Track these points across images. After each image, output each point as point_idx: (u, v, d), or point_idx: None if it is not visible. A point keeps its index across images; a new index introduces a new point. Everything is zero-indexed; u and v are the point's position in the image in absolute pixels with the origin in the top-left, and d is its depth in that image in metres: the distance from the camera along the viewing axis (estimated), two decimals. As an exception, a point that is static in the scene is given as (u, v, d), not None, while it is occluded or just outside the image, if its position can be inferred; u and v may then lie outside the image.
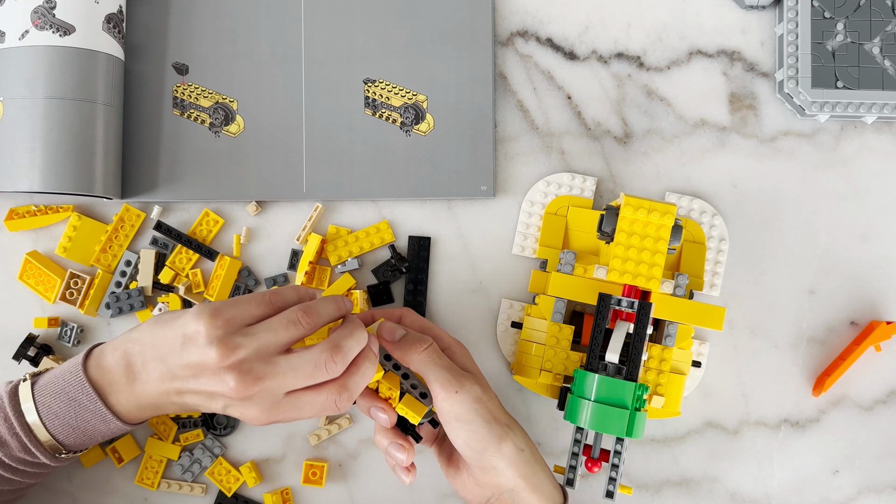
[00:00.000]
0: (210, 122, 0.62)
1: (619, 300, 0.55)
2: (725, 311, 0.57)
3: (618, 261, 0.55)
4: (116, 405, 0.52)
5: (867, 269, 0.63)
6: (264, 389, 0.48)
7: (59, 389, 0.52)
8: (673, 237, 0.55)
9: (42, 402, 0.52)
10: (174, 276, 0.61)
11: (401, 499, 0.62)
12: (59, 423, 0.52)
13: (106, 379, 0.51)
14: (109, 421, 0.52)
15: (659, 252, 0.55)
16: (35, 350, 0.61)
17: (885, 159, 0.63)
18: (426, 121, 0.62)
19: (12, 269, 0.62)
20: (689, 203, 0.62)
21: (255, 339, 0.49)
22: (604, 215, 0.56)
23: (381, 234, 0.62)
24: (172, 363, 0.49)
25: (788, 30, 0.61)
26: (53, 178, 0.57)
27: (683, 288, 0.58)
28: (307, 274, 0.60)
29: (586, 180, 0.62)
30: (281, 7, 0.62)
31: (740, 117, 0.63)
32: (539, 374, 0.58)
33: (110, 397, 0.51)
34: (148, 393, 0.51)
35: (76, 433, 0.52)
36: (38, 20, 0.56)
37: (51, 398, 0.51)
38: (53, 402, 0.51)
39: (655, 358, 0.57)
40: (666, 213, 0.54)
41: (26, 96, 0.56)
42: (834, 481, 0.62)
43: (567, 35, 0.64)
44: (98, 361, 0.52)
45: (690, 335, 0.59)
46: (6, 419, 0.51)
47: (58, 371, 0.53)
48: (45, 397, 0.52)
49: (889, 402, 0.63)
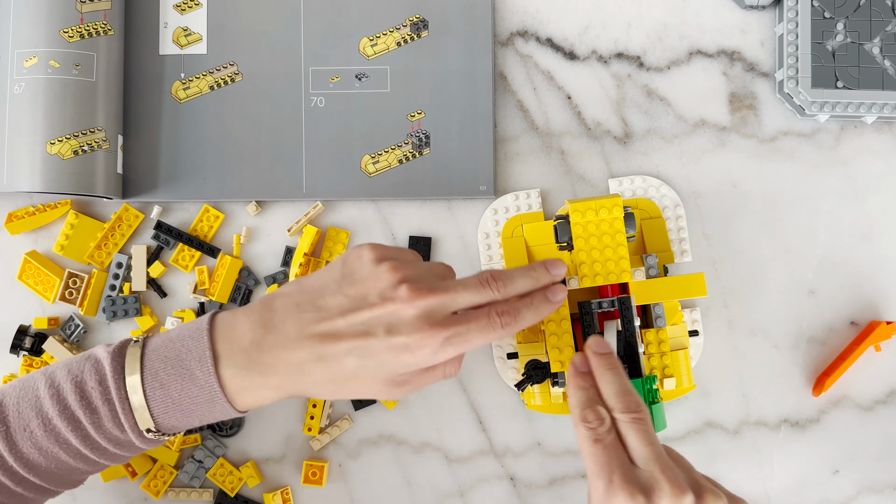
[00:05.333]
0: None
1: (599, 303, 0.55)
2: (704, 275, 0.57)
3: (585, 266, 0.55)
4: (231, 381, 0.46)
5: (867, 269, 0.63)
6: (437, 300, 0.46)
7: (175, 354, 0.46)
8: (628, 226, 0.56)
9: (150, 368, 0.46)
10: (164, 270, 0.61)
11: (401, 499, 0.62)
12: (161, 395, 0.46)
13: (230, 347, 0.46)
14: (217, 400, 0.46)
15: (620, 245, 0.55)
16: (31, 340, 0.60)
17: (885, 159, 0.63)
18: (426, 121, 0.62)
19: (12, 270, 0.62)
20: (631, 184, 0.62)
21: (425, 266, 0.48)
22: (556, 227, 0.56)
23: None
24: (328, 300, 0.46)
25: (788, 30, 0.61)
26: (54, 178, 0.57)
27: (655, 267, 0.58)
28: (302, 266, 0.60)
29: (529, 195, 0.62)
30: (281, 7, 0.62)
31: (740, 117, 0.63)
32: (550, 400, 0.58)
33: (227, 370, 0.46)
34: (282, 360, 0.46)
35: (177, 411, 0.47)
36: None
37: (160, 363, 0.46)
38: (162, 368, 0.46)
39: (653, 343, 0.57)
40: (614, 207, 0.55)
41: (27, 98, 0.56)
42: (834, 481, 0.63)
43: (567, 35, 0.64)
44: (229, 322, 0.47)
45: (678, 309, 0.59)
46: (102, 382, 0.46)
47: (175, 332, 0.48)
48: (154, 362, 0.46)
49: (889, 402, 0.63)
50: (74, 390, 0.47)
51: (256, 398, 0.48)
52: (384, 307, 0.46)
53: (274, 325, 0.47)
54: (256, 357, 0.46)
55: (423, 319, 0.46)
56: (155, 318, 0.62)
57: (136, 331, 0.62)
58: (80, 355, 0.49)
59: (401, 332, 0.46)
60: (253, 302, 0.49)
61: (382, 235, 0.63)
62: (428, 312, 0.46)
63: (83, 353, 0.49)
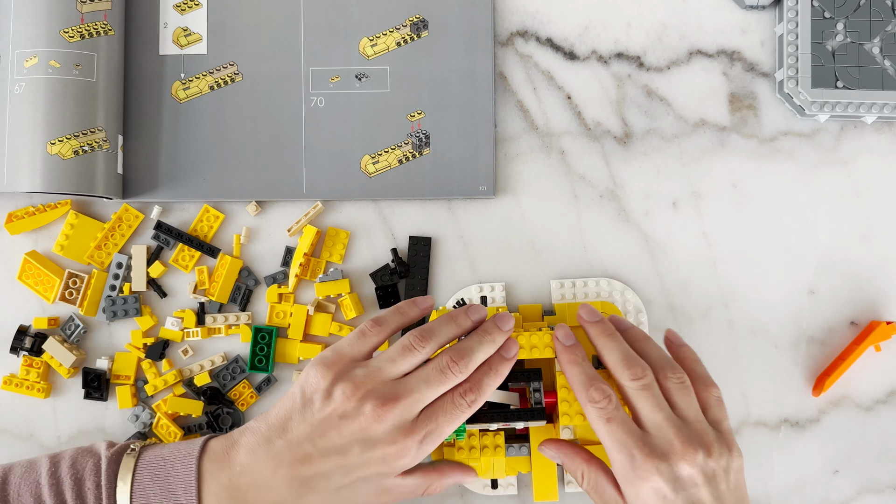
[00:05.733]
0: (210, 121, 0.62)
1: None
2: None
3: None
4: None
5: (867, 269, 0.63)
6: (403, 408, 0.47)
7: (164, 474, 0.48)
8: None
9: (139, 482, 0.48)
10: (164, 270, 0.61)
11: (401, 499, 0.62)
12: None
13: (214, 479, 0.47)
14: None
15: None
16: (31, 340, 0.60)
17: (885, 159, 0.63)
18: (426, 121, 0.62)
19: (12, 270, 0.62)
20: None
21: (376, 370, 0.48)
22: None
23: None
24: (295, 431, 0.47)
25: (788, 30, 0.61)
26: (54, 178, 0.57)
27: None
28: (301, 266, 0.60)
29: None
30: (281, 7, 0.62)
31: (740, 117, 0.63)
32: None
33: (209, 502, 0.47)
34: (262, 499, 0.47)
35: None
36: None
37: (149, 480, 0.48)
38: (150, 485, 0.47)
39: None
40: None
41: (28, 98, 0.56)
42: (834, 481, 0.62)
43: (567, 35, 0.64)
44: (218, 452, 0.48)
45: None
46: (97, 486, 0.48)
47: (168, 450, 0.49)
48: (143, 477, 0.48)
49: (889, 402, 0.63)
50: (73, 486, 0.48)
51: None
52: (351, 426, 0.47)
53: (249, 463, 0.47)
54: (235, 494, 0.47)
55: (395, 431, 0.47)
56: (155, 319, 0.62)
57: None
58: (85, 449, 0.51)
59: (376, 447, 0.47)
60: (232, 433, 0.50)
61: (382, 235, 0.63)
62: (397, 423, 0.47)
63: (88, 447, 0.51)
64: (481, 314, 0.53)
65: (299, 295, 0.62)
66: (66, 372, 0.61)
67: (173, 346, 0.62)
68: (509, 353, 0.52)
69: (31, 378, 0.61)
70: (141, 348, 0.61)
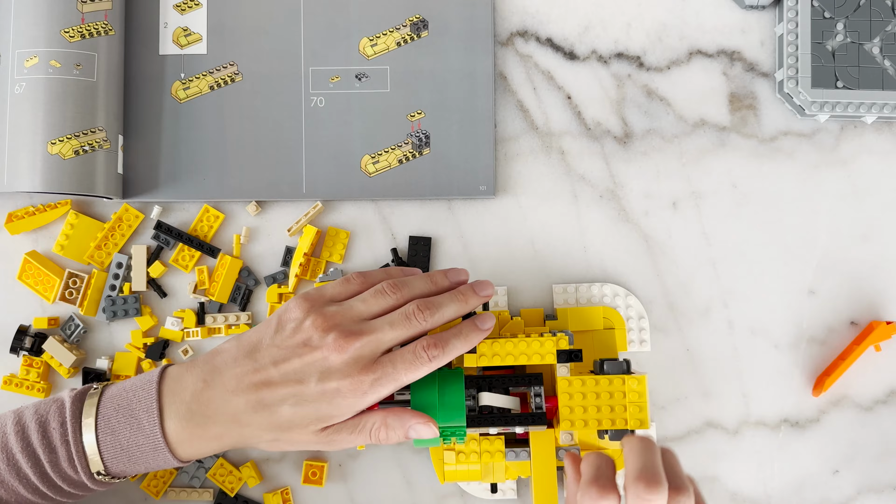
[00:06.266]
0: (210, 121, 0.62)
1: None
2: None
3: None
4: (174, 432, 0.49)
5: (867, 269, 0.63)
6: (364, 344, 0.49)
7: (126, 403, 0.50)
8: None
9: (103, 415, 0.50)
10: (164, 270, 0.61)
11: (401, 499, 0.62)
12: (111, 441, 0.49)
13: (174, 399, 0.50)
14: (160, 449, 0.49)
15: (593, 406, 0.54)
16: (31, 340, 0.60)
17: (885, 159, 0.63)
18: (426, 121, 0.62)
19: (12, 270, 0.62)
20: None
21: (347, 308, 0.50)
22: None
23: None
24: (262, 353, 0.49)
25: (788, 30, 0.61)
26: (54, 178, 0.57)
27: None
28: (301, 266, 0.60)
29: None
30: (281, 7, 0.62)
31: (740, 117, 0.63)
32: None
33: (170, 421, 0.49)
34: (220, 411, 0.49)
35: (124, 457, 0.50)
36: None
37: (113, 411, 0.50)
38: (114, 415, 0.50)
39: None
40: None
41: (28, 98, 0.56)
42: (834, 481, 0.62)
43: (567, 35, 0.64)
44: (175, 376, 0.51)
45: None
46: (62, 424, 0.49)
47: (129, 383, 0.51)
48: (107, 409, 0.50)
49: (889, 402, 0.63)
50: (38, 429, 0.50)
51: (197, 449, 0.51)
52: (314, 355, 0.49)
53: (213, 379, 0.50)
54: (196, 409, 0.50)
55: (352, 364, 0.49)
56: (155, 318, 0.62)
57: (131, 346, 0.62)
58: (49, 398, 0.52)
59: (332, 378, 0.49)
60: (199, 356, 0.53)
61: (382, 235, 0.63)
62: (356, 357, 0.49)
63: (52, 396, 0.53)
64: (461, 277, 0.54)
65: (299, 295, 0.62)
66: (66, 372, 0.61)
67: (173, 346, 0.62)
68: (484, 325, 0.53)
69: (31, 378, 0.61)
70: (141, 348, 0.61)
